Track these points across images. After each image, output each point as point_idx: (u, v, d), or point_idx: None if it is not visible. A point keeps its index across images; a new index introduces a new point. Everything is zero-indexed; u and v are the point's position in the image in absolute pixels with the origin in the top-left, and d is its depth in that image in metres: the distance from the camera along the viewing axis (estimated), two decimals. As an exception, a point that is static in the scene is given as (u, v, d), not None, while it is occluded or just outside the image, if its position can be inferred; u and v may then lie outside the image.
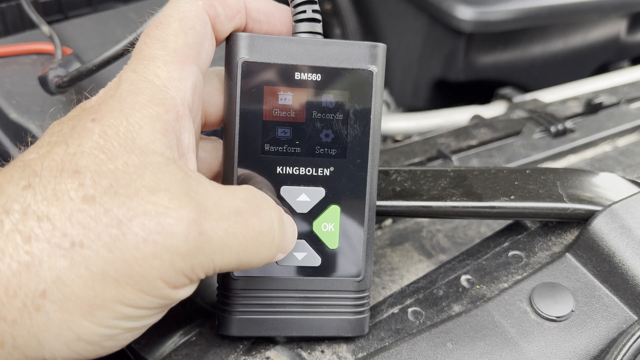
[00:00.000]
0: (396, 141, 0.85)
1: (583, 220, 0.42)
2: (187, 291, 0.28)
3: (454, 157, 0.62)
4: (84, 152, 0.26)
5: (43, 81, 0.53)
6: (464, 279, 0.42)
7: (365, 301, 0.37)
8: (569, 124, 0.68)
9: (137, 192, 0.26)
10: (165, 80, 0.30)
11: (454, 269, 0.43)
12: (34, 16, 0.62)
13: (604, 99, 0.73)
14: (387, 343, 0.38)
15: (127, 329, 0.27)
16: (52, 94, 0.54)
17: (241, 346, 0.38)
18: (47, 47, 0.61)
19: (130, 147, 0.27)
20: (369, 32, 0.99)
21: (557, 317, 0.38)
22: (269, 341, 0.38)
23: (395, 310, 0.41)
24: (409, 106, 0.98)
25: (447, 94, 0.95)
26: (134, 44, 0.44)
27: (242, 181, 0.35)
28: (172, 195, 0.27)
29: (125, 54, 0.46)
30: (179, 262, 0.27)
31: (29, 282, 0.25)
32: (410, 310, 0.40)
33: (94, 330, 0.26)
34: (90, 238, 0.25)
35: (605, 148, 0.67)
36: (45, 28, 0.61)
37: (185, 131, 0.31)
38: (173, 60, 0.30)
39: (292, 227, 0.34)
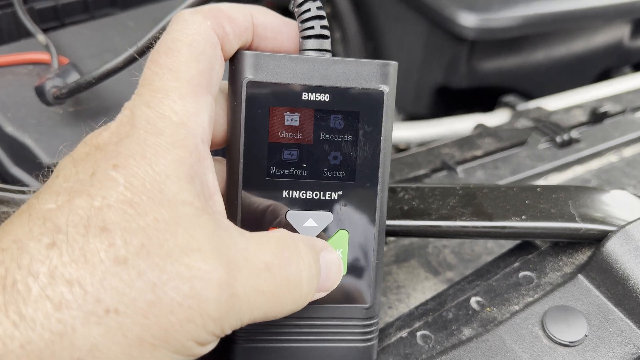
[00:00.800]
0: (399, 150, 0.84)
1: (596, 240, 0.41)
2: (212, 346, 0.28)
3: (459, 169, 0.61)
4: (110, 205, 0.25)
5: (40, 92, 0.52)
6: (473, 301, 0.41)
7: (374, 328, 0.36)
8: (574, 134, 0.67)
9: (170, 253, 0.25)
10: (183, 116, 0.28)
11: (463, 290, 0.42)
12: (30, 25, 0.60)
13: (608, 108, 0.72)
14: (396, 369, 0.37)
15: None
16: (49, 105, 0.52)
17: (246, 373, 0.37)
18: (43, 56, 0.59)
19: (159, 200, 0.26)
20: (370, 37, 0.98)
21: (570, 342, 0.37)
22: (275, 367, 0.37)
23: (404, 334, 0.39)
24: (410, 112, 0.96)
25: (448, 101, 0.94)
26: (135, 58, 0.43)
27: (246, 205, 0.34)
28: (205, 255, 0.26)
29: (126, 67, 0.45)
30: (210, 324, 0.26)
31: (62, 351, 0.23)
32: (419, 334, 0.39)
33: None
34: (125, 304, 0.24)
35: (611, 158, 0.66)
36: (41, 37, 0.59)
37: (209, 171, 0.30)
38: (188, 92, 0.29)
39: (335, 267, 0.33)
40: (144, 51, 0.42)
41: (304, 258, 0.30)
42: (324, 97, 0.34)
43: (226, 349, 0.35)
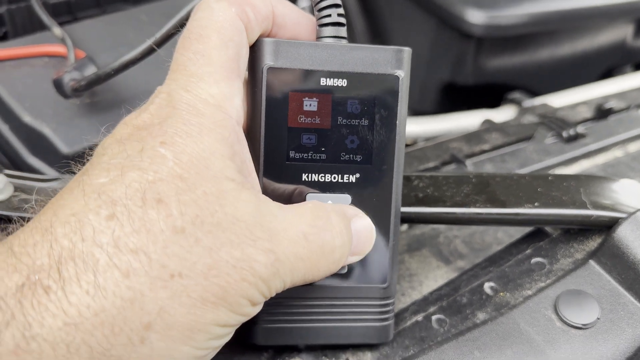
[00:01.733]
0: (405, 145, 0.85)
1: (606, 227, 0.42)
2: (260, 307, 0.30)
3: (468, 162, 0.62)
4: (162, 179, 0.26)
5: (58, 84, 0.53)
6: (487, 286, 0.42)
7: (390, 308, 0.37)
8: (580, 129, 0.68)
9: (220, 223, 0.27)
10: (220, 100, 0.30)
11: (476, 276, 0.43)
12: (46, 18, 0.61)
13: (613, 104, 0.73)
14: (412, 351, 0.38)
15: (214, 348, 0.29)
16: (67, 98, 0.53)
17: (265, 354, 0.37)
18: (58, 49, 0.60)
19: (206, 175, 0.27)
20: (377, 35, 0.99)
21: (583, 324, 0.38)
22: (293, 349, 0.38)
23: (419, 317, 0.40)
24: (416, 109, 0.97)
25: (455, 98, 0.95)
26: (153, 49, 0.44)
27: (267, 189, 0.34)
28: (249, 225, 0.28)
29: (144, 59, 0.45)
30: (261, 285, 0.28)
31: (133, 316, 0.25)
32: (434, 317, 0.40)
33: (191, 354, 0.27)
34: (187, 267, 0.26)
35: (616, 153, 0.67)
36: (57, 30, 0.60)
37: (245, 151, 0.31)
38: (222, 77, 0.30)
39: (366, 232, 0.34)
40: (162, 42, 0.43)
41: (336, 226, 0.31)
42: (342, 83, 0.34)
43: (247, 330, 0.36)
